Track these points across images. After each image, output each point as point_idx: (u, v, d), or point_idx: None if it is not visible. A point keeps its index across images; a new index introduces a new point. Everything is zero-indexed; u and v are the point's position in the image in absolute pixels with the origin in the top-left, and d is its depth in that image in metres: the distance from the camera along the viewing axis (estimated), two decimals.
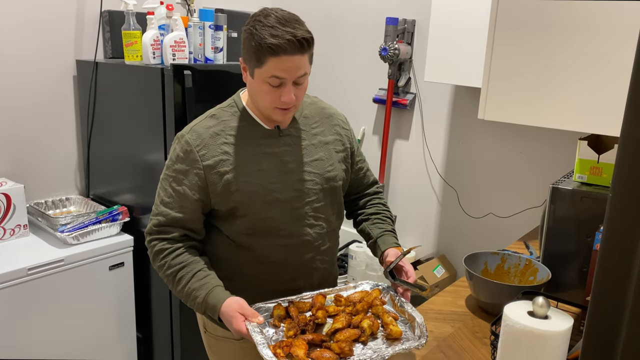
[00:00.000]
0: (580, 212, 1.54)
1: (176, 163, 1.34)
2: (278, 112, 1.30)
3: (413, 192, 2.95)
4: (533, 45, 1.39)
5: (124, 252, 2.32)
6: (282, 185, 1.35)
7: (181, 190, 1.32)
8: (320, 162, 1.41)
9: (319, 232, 1.42)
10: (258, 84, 1.27)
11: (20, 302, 2.01)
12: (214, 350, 1.52)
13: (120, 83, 2.32)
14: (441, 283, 2.64)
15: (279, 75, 1.23)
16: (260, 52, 1.20)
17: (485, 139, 2.64)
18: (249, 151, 1.34)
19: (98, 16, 2.51)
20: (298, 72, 1.24)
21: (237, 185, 1.32)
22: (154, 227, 1.35)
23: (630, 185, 0.60)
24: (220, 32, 2.31)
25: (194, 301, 1.28)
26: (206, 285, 1.28)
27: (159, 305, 2.41)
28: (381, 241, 1.48)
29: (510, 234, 2.52)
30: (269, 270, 1.39)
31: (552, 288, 1.58)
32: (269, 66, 1.22)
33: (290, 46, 1.19)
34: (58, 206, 2.49)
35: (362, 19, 2.97)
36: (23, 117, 2.37)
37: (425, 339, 1.18)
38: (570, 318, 1.06)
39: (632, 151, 0.59)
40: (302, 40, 1.21)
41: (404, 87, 2.85)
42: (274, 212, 1.35)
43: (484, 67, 1.48)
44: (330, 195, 1.43)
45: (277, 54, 1.19)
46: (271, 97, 1.27)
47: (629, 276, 0.61)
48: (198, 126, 1.35)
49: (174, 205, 1.33)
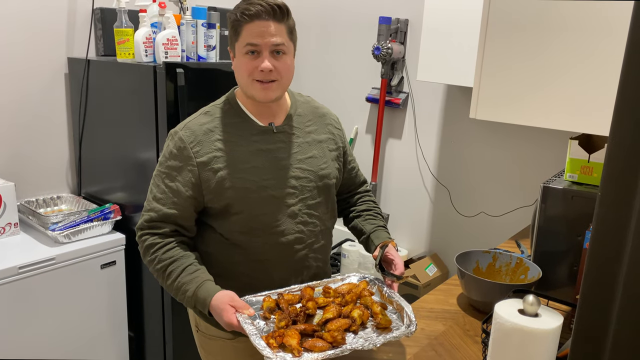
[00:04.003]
0: (571, 211, 1.55)
1: (169, 160, 1.33)
2: (257, 85, 1.30)
3: (405, 191, 2.95)
4: (525, 45, 1.40)
5: (116, 250, 2.31)
6: (276, 182, 1.35)
7: (174, 186, 1.32)
8: (314, 160, 1.41)
9: (312, 230, 1.42)
10: (238, 60, 1.30)
11: (10, 301, 2.00)
12: (207, 350, 1.52)
13: (112, 81, 2.30)
14: (433, 281, 2.65)
15: (253, 41, 1.26)
16: (237, 22, 1.26)
17: (477, 138, 2.65)
18: (243, 148, 1.34)
19: (90, 13, 2.49)
20: (272, 39, 1.26)
21: (231, 181, 1.31)
22: (145, 223, 1.35)
23: (618, 184, 0.60)
24: (213, 30, 2.30)
25: (184, 295, 1.27)
26: (196, 280, 1.28)
27: (151, 304, 2.40)
28: (374, 236, 1.49)
29: (502, 233, 2.54)
30: (262, 268, 1.39)
31: (543, 286, 1.59)
32: (244, 35, 1.27)
33: (263, 11, 1.24)
34: (49, 204, 2.47)
35: (355, 18, 2.97)
36: (14, 114, 2.35)
37: (415, 327, 1.20)
38: (560, 316, 1.07)
39: (620, 150, 0.60)
40: (275, 6, 1.26)
41: (397, 87, 2.85)
42: (267, 209, 1.35)
43: (476, 67, 1.48)
44: (324, 193, 1.44)
45: (250, 19, 1.25)
46: (248, 68, 1.29)
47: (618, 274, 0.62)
48: (192, 123, 1.35)
49: (166, 202, 1.33)
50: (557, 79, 1.37)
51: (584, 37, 1.31)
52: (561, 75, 1.36)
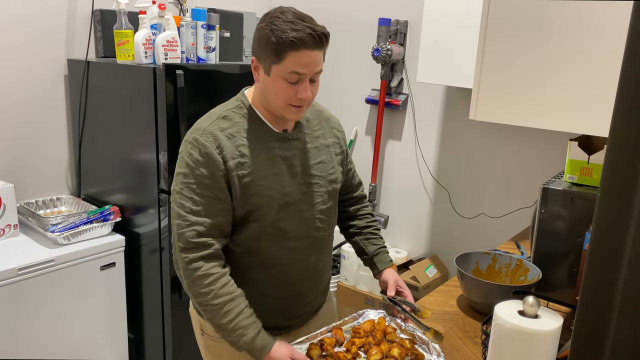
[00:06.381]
0: (570, 212, 1.55)
1: (197, 168, 1.26)
2: (292, 109, 1.29)
3: (405, 193, 2.95)
4: (524, 46, 1.40)
5: (116, 252, 2.31)
6: (292, 188, 1.35)
7: (210, 194, 1.27)
8: (323, 165, 1.42)
9: (323, 235, 1.44)
10: (274, 82, 1.25)
11: (10, 302, 2.00)
12: (213, 353, 1.50)
13: (112, 82, 2.30)
14: (433, 283, 2.65)
15: (298, 70, 1.22)
16: (281, 47, 1.20)
17: (476, 139, 2.65)
18: (263, 154, 1.32)
19: (90, 15, 2.49)
20: (316, 68, 1.25)
21: (255, 189, 1.29)
22: (191, 240, 1.26)
23: (618, 185, 0.60)
24: (213, 31, 2.30)
25: (239, 338, 1.26)
26: (254, 325, 1.28)
27: (150, 306, 2.40)
28: (377, 259, 1.55)
29: (502, 234, 2.53)
30: (275, 273, 1.39)
31: (543, 288, 1.59)
32: (289, 61, 1.21)
33: (311, 40, 1.20)
34: (49, 206, 2.47)
35: (355, 19, 2.97)
36: (14, 116, 2.35)
37: (443, 357, 1.30)
38: (560, 317, 1.07)
39: (620, 151, 0.60)
40: (322, 35, 1.23)
41: (397, 88, 2.86)
42: (283, 215, 1.34)
43: (475, 68, 1.48)
44: (333, 197, 1.45)
45: (298, 48, 1.20)
46: (287, 94, 1.25)
47: (618, 276, 0.62)
48: (211, 127, 1.29)
49: (207, 212, 1.27)
50: (557, 80, 1.37)
51: (583, 38, 1.31)
52: (561, 76, 1.36)
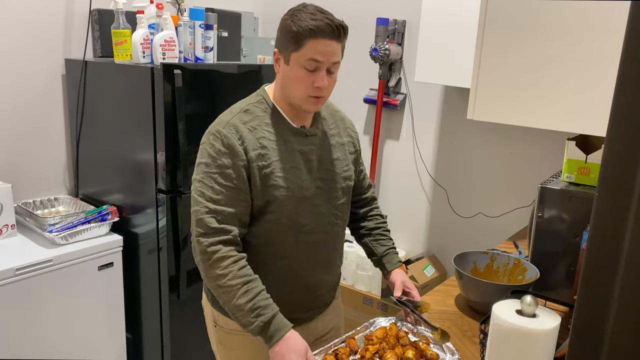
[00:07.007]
0: (568, 211, 1.56)
1: (219, 158, 1.31)
2: (311, 100, 1.33)
3: (403, 192, 2.96)
4: (522, 45, 1.40)
5: (113, 252, 2.31)
6: (309, 183, 1.39)
7: (231, 184, 1.31)
8: (339, 162, 1.47)
9: (337, 230, 1.48)
10: (293, 70, 1.31)
11: (8, 302, 1.99)
12: (225, 345, 1.51)
13: (110, 82, 2.30)
14: (431, 282, 2.65)
15: (316, 57, 1.28)
16: (300, 34, 1.26)
17: (474, 139, 2.65)
18: (283, 147, 1.36)
19: (87, 15, 2.49)
20: (333, 58, 1.30)
21: (275, 180, 1.34)
22: (210, 225, 1.29)
23: (615, 184, 0.60)
24: (211, 31, 2.30)
25: (257, 318, 1.27)
26: (272, 306, 1.29)
27: (148, 306, 2.39)
28: (386, 260, 1.59)
29: (500, 234, 2.54)
30: (289, 266, 1.42)
31: (541, 287, 1.59)
32: (307, 48, 1.27)
33: (329, 29, 1.27)
34: (46, 206, 2.47)
35: (353, 19, 2.96)
36: (11, 116, 2.35)
37: (457, 355, 1.33)
38: (558, 316, 1.07)
39: (617, 151, 0.60)
40: (340, 26, 1.29)
41: (395, 88, 2.86)
42: (300, 209, 1.38)
43: (473, 68, 1.48)
44: (346, 194, 1.49)
45: (316, 35, 1.26)
46: (305, 83, 1.30)
47: (615, 275, 0.62)
48: (234, 120, 1.34)
49: (227, 201, 1.31)
50: (555, 80, 1.37)
51: (581, 37, 1.31)
52: (558, 75, 1.36)
